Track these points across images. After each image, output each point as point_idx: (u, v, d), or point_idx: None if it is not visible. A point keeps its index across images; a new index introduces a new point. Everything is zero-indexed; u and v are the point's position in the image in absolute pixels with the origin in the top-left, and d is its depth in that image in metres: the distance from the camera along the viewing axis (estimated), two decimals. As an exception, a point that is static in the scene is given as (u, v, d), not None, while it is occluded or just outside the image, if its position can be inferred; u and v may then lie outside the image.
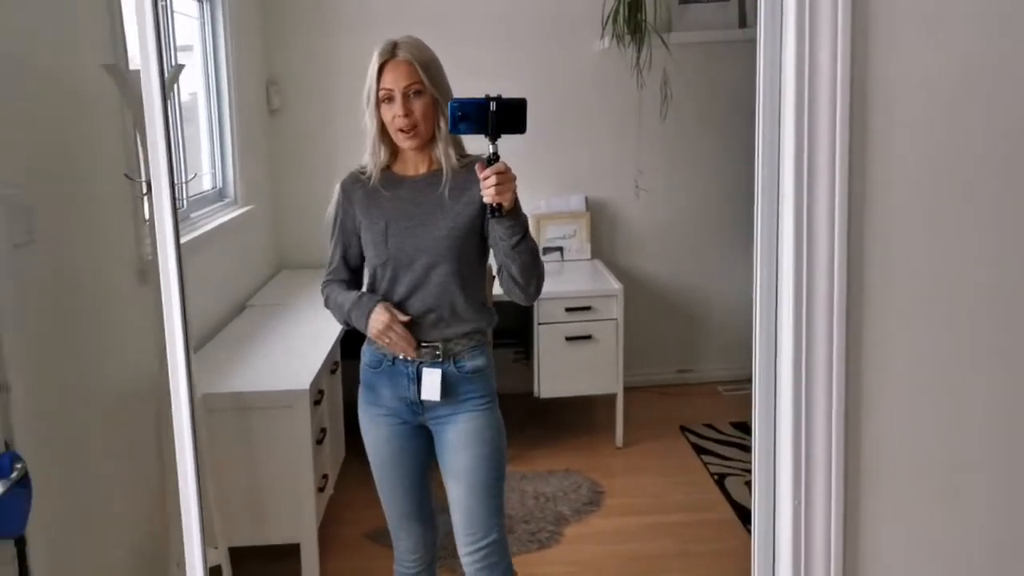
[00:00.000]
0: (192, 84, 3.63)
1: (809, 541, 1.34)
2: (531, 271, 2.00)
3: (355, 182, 2.13)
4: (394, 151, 2.08)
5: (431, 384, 2.04)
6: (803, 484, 1.35)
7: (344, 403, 3.50)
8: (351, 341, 3.66)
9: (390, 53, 1.99)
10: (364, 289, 2.16)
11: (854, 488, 1.38)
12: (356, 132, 2.10)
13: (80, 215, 2.25)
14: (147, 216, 2.56)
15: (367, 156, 2.09)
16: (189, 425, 1.38)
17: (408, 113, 1.97)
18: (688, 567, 3.02)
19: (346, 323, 2.14)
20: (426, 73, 1.98)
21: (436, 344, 2.06)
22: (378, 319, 2.03)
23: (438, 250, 2.02)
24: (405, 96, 1.98)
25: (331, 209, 2.17)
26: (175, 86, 3.00)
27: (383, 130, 2.04)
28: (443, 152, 2.02)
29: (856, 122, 1.32)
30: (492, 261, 2.13)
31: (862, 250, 1.35)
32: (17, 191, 1.90)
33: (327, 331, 3.28)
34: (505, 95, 1.86)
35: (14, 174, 1.90)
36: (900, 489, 1.42)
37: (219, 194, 3.77)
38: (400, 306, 2.06)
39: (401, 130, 1.99)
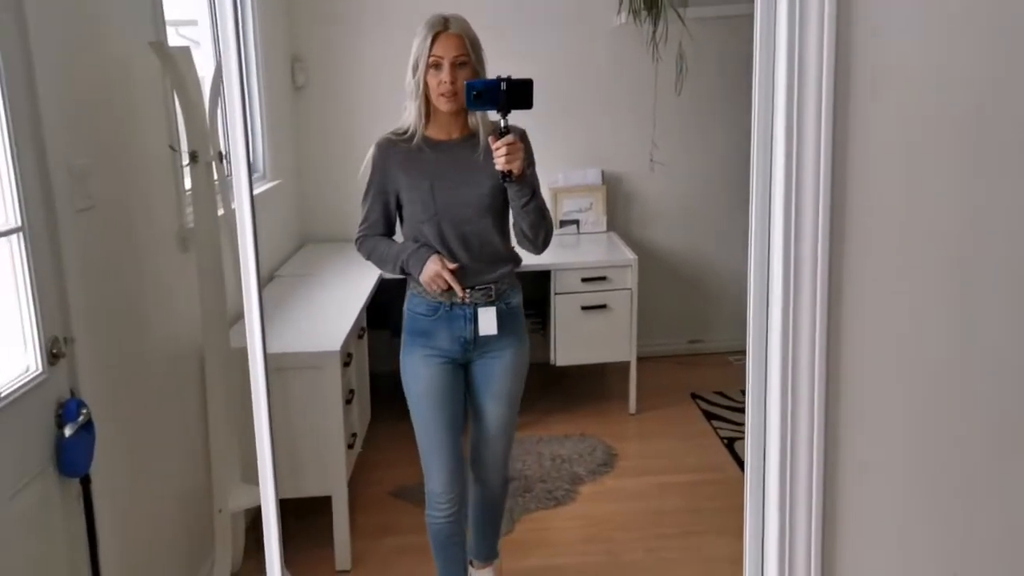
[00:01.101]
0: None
1: (794, 487, 1.49)
2: (539, 226, 2.31)
3: (391, 144, 2.33)
4: (429, 116, 2.30)
5: (488, 321, 2.33)
6: (789, 435, 1.49)
7: (370, 372, 3.66)
8: (376, 311, 3.83)
9: (443, 25, 2.22)
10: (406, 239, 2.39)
11: (833, 439, 1.52)
12: (379, 109, 2.27)
13: (130, 185, 2.40)
14: (188, 186, 2.72)
15: (408, 118, 2.30)
16: (264, 383, 1.52)
17: (454, 80, 2.20)
18: (698, 521, 3.18)
19: (401, 271, 2.36)
20: (472, 46, 2.23)
21: (489, 286, 2.34)
22: (432, 267, 2.29)
23: (482, 205, 2.29)
24: (452, 65, 2.20)
25: (365, 169, 2.37)
26: (244, 84, 3.13)
27: (426, 95, 2.26)
28: (480, 118, 2.27)
29: (839, 110, 1.44)
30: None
31: (843, 222, 1.46)
32: (80, 159, 2.05)
33: (354, 299, 3.44)
34: (522, 71, 2.14)
35: (75, 145, 2.05)
36: (877, 439, 1.54)
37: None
38: (454, 258, 2.31)
39: (443, 95, 2.22)
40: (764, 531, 1.54)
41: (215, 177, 2.57)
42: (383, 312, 4.35)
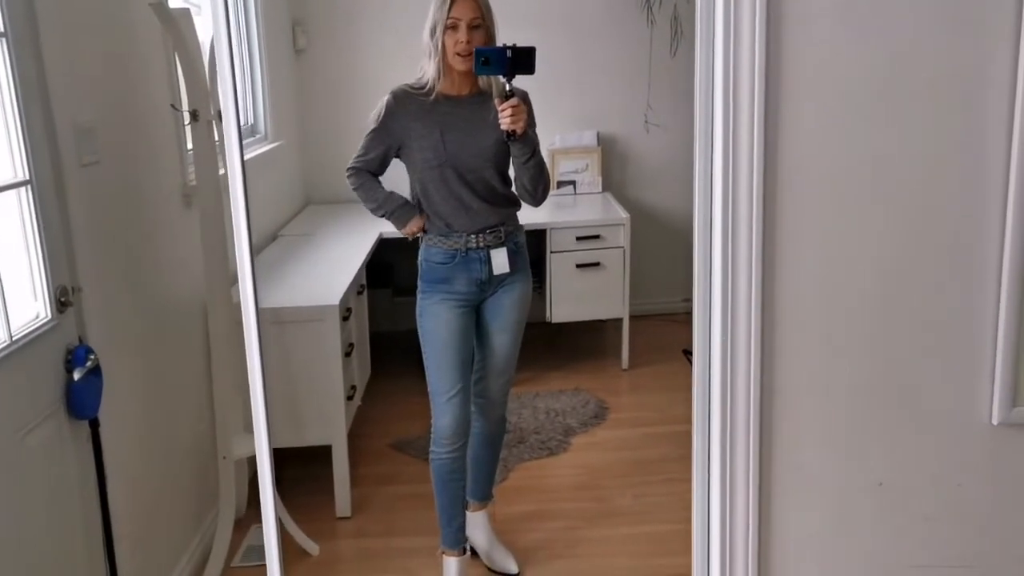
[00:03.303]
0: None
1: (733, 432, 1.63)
2: (538, 180, 2.51)
3: (407, 94, 2.49)
4: (443, 74, 2.45)
5: (501, 260, 2.53)
6: (728, 394, 1.62)
7: (371, 331, 3.77)
8: (377, 270, 3.93)
9: None
10: (412, 195, 2.57)
11: (768, 398, 1.63)
12: (379, 71, 2.37)
13: (134, 142, 2.49)
14: (190, 145, 2.80)
15: (426, 75, 2.46)
16: (256, 334, 1.61)
17: (469, 40, 2.37)
18: (683, 469, 3.24)
19: (382, 215, 2.57)
20: (485, 10, 2.42)
21: (498, 228, 2.52)
22: (416, 224, 2.54)
23: (488, 155, 2.48)
24: (469, 27, 2.38)
25: (376, 112, 2.51)
26: (229, 26, 3.20)
27: (444, 54, 2.41)
28: (493, 81, 2.43)
29: (772, 81, 1.53)
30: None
31: (776, 183, 1.57)
32: (85, 116, 2.14)
33: (354, 257, 3.54)
34: (521, 34, 2.34)
35: (80, 101, 2.13)
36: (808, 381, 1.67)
37: (251, 130, 3.99)
38: (464, 203, 2.48)
39: (459, 54, 2.39)
40: (708, 470, 1.68)
41: (216, 136, 2.65)
42: (385, 271, 4.45)
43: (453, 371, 2.52)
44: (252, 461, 3.04)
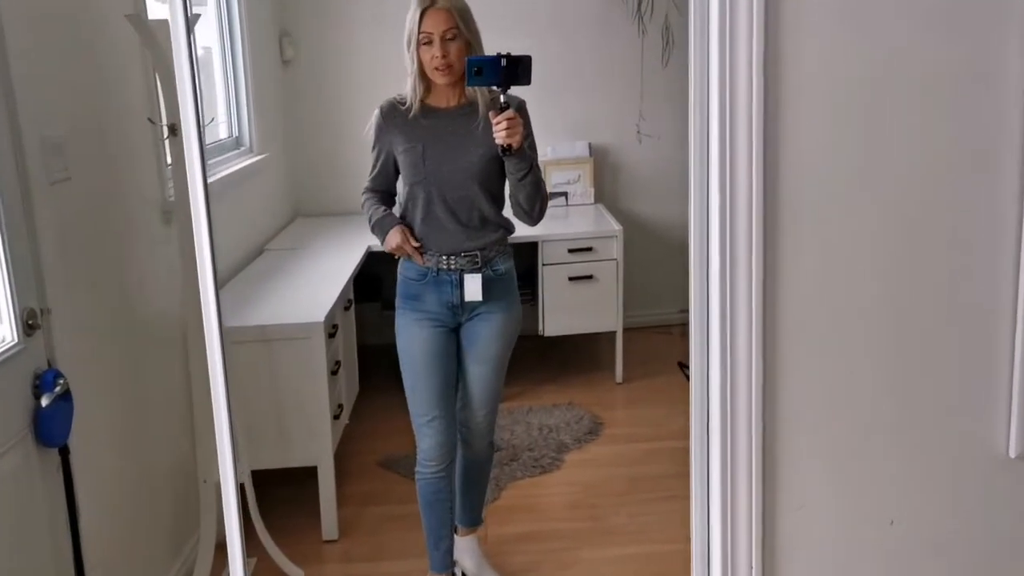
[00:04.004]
0: (206, 39, 3.77)
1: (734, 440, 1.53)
2: (535, 199, 2.37)
3: (393, 109, 2.40)
4: (428, 87, 2.35)
5: (473, 287, 2.38)
6: (728, 400, 1.52)
7: (358, 344, 3.69)
8: (365, 283, 3.86)
9: (430, 1, 2.26)
10: (400, 206, 2.47)
11: (771, 408, 1.55)
12: (368, 83, 2.29)
13: (109, 157, 2.41)
14: (169, 159, 2.73)
15: (407, 90, 2.36)
16: (220, 357, 1.54)
17: (444, 55, 2.25)
18: (680, 486, 3.18)
19: (371, 230, 2.48)
20: (461, 19, 2.27)
21: (475, 252, 2.38)
22: (393, 237, 2.39)
23: (471, 171, 2.33)
24: (443, 40, 2.25)
25: (369, 129, 2.45)
26: (191, 36, 3.13)
27: (421, 69, 2.31)
28: (479, 88, 2.31)
29: (771, 90, 1.46)
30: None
31: (776, 187, 1.49)
32: (54, 131, 2.06)
33: (341, 272, 3.46)
34: (511, 45, 2.22)
35: (50, 115, 2.06)
36: (812, 398, 1.58)
37: (235, 142, 3.92)
38: (440, 223, 2.36)
39: (437, 69, 2.27)
40: (708, 476, 1.59)
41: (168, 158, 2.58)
42: (373, 284, 4.37)
43: (430, 394, 2.42)
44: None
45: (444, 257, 2.38)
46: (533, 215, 2.40)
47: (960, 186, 1.52)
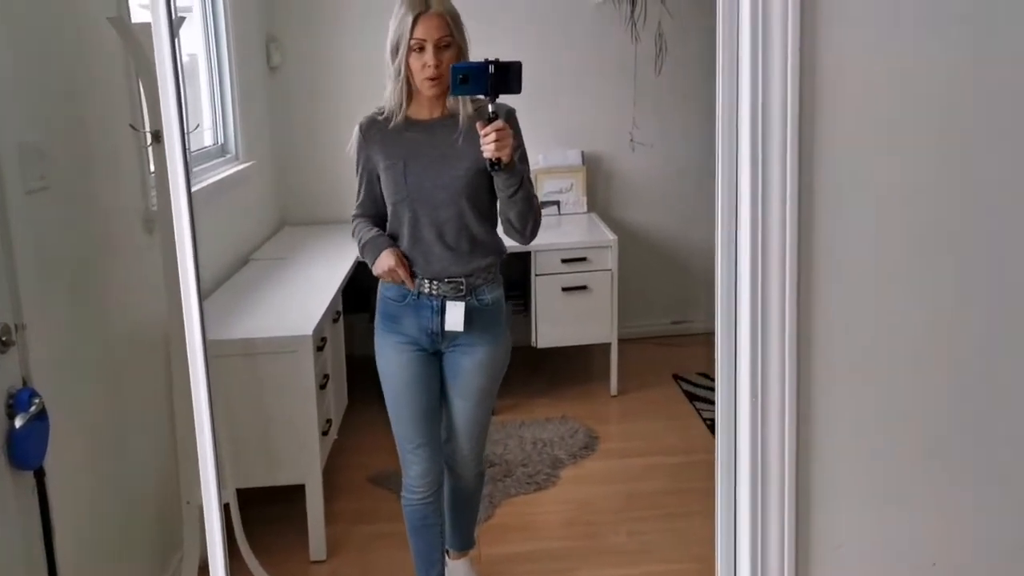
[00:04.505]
0: (191, 46, 3.69)
1: (766, 470, 1.43)
2: (527, 217, 2.19)
3: (372, 124, 2.25)
4: (411, 97, 2.20)
5: (455, 316, 2.22)
6: (759, 420, 1.43)
7: (347, 355, 3.61)
8: (354, 294, 3.77)
9: (424, 5, 2.10)
10: (387, 226, 2.30)
11: (805, 425, 1.46)
12: (356, 89, 2.18)
13: (89, 165, 2.32)
14: (152, 167, 2.64)
15: (387, 100, 2.21)
16: (204, 372, 1.46)
17: (438, 63, 2.09)
18: (680, 503, 3.14)
19: (360, 253, 2.31)
20: (455, 26, 2.12)
21: (459, 279, 2.21)
22: (384, 261, 2.21)
23: (456, 188, 2.17)
24: (436, 47, 2.10)
25: (351, 149, 2.30)
26: (175, 41, 3.05)
27: (408, 78, 2.15)
28: (461, 99, 2.15)
29: (806, 95, 1.37)
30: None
31: (812, 202, 1.41)
32: (31, 138, 1.97)
33: (329, 282, 3.37)
34: (501, 52, 2.02)
35: (27, 122, 1.97)
36: (850, 425, 1.49)
37: (221, 149, 3.83)
38: (425, 244, 2.20)
39: (428, 78, 2.11)
40: (736, 506, 1.48)
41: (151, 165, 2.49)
42: (362, 295, 4.28)
43: (414, 421, 2.30)
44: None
45: (427, 281, 2.23)
46: (525, 234, 2.23)
47: (1006, 197, 1.44)
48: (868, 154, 1.41)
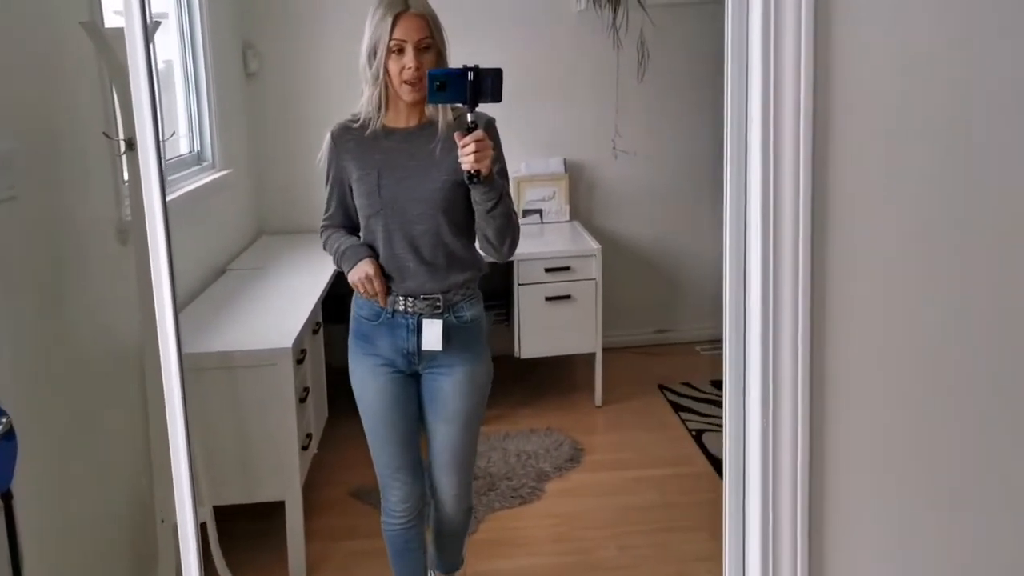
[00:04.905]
0: (167, 52, 3.61)
1: (777, 490, 1.37)
2: (505, 233, 2.09)
3: (345, 132, 2.15)
4: (388, 103, 2.10)
5: (432, 335, 2.11)
6: (770, 438, 1.37)
7: (327, 365, 3.53)
8: (334, 304, 3.69)
9: (403, 5, 2.02)
10: (361, 239, 2.20)
11: (819, 437, 1.41)
12: (335, 95, 2.10)
13: (61, 174, 2.24)
14: (126, 176, 2.56)
15: (363, 106, 2.11)
16: (179, 387, 1.39)
17: (419, 66, 2.00)
18: (670, 517, 3.09)
19: (336, 264, 2.22)
20: (435, 28, 2.04)
21: (436, 296, 2.12)
22: (361, 269, 2.11)
23: (432, 201, 2.07)
24: (416, 49, 2.01)
25: (321, 159, 2.20)
26: (151, 46, 2.98)
27: (387, 82, 2.06)
28: (440, 107, 2.06)
29: (820, 94, 1.32)
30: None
31: (825, 212, 1.36)
32: (1, 145, 1.90)
33: (309, 293, 3.30)
34: (482, 58, 1.94)
35: (-8, 130, 1.89)
36: (866, 442, 1.43)
37: (197, 157, 3.75)
38: (399, 260, 2.11)
39: (407, 82, 2.02)
40: (745, 537, 1.42)
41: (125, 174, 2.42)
42: (343, 305, 4.20)
43: (392, 447, 2.20)
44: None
45: (401, 298, 2.12)
46: (503, 251, 2.11)
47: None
48: (885, 157, 1.36)
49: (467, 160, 1.90)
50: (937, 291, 1.42)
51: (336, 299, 3.91)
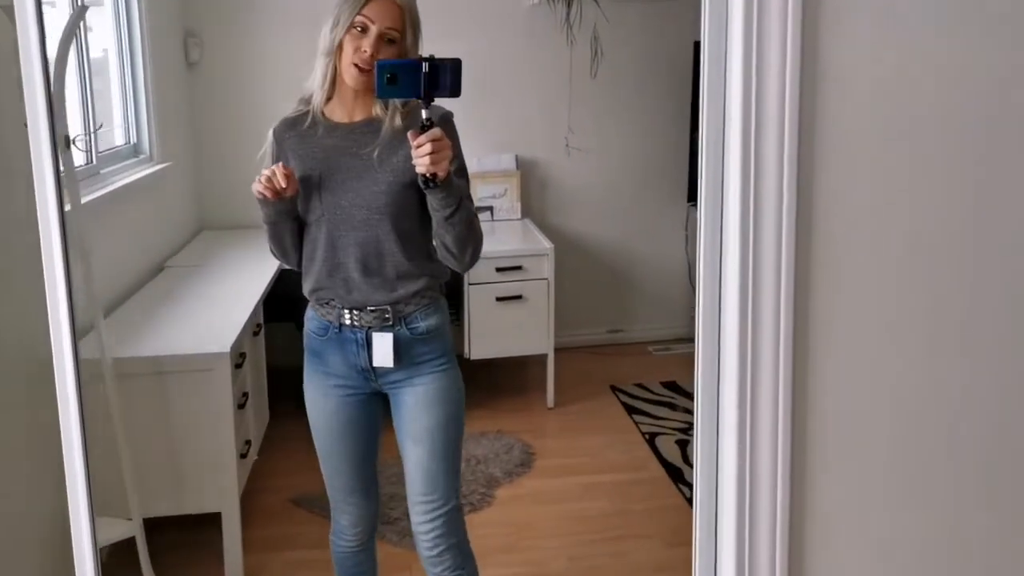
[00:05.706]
0: (104, 40, 3.45)
1: (754, 499, 1.30)
2: (466, 241, 1.89)
3: (288, 128, 1.98)
4: (331, 85, 1.92)
5: (382, 350, 1.92)
6: (748, 445, 1.30)
7: (268, 367, 3.40)
8: (276, 302, 3.56)
9: None
10: (303, 252, 2.01)
11: (800, 442, 1.34)
12: (279, 87, 1.95)
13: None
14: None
15: (311, 84, 1.93)
16: (76, 397, 1.28)
17: (375, 54, 1.82)
18: (625, 524, 3.02)
19: (272, 238, 2.01)
20: (409, 24, 1.87)
21: (384, 307, 1.94)
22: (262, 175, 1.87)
23: (377, 206, 1.88)
24: (380, 36, 1.83)
25: (264, 156, 2.03)
26: (79, 31, 2.83)
27: (336, 61, 1.87)
28: (390, 103, 1.89)
29: (806, 95, 1.26)
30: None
31: (811, 212, 1.30)
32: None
33: (249, 292, 3.17)
34: (431, 52, 1.78)
35: None
36: (845, 443, 1.38)
37: (133, 149, 3.60)
38: (344, 270, 1.94)
39: (357, 64, 1.83)
40: (717, 549, 1.34)
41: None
42: (286, 303, 4.06)
43: (344, 472, 2.06)
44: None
45: (347, 311, 1.94)
46: (464, 260, 1.91)
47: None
48: (872, 161, 1.30)
49: (422, 162, 1.71)
50: (924, 293, 1.38)
51: (279, 297, 3.79)
